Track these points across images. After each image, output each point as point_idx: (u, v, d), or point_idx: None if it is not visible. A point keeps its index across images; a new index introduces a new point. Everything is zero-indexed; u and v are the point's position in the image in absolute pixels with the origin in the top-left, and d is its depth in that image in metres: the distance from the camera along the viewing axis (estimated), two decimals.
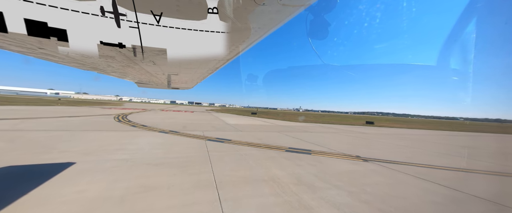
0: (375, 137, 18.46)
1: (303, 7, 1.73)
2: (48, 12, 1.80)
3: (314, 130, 21.11)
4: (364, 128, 29.11)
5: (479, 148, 16.03)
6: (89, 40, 2.50)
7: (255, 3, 1.63)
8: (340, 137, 17.17)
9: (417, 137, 20.36)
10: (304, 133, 18.17)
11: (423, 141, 17.37)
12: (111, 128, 13.75)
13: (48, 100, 68.23)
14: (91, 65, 4.10)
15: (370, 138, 17.53)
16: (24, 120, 14.79)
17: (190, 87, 7.40)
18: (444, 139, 20.92)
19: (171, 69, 4.00)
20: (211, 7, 1.72)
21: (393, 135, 20.81)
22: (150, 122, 18.82)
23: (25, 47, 2.84)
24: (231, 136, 13.39)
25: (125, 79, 5.83)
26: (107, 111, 31.15)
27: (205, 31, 2.16)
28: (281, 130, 19.46)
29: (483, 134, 31.03)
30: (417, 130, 31.37)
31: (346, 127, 27.99)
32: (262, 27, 2.10)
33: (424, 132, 27.56)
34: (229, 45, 2.60)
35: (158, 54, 3.04)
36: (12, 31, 1.98)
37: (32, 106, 31.51)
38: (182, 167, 6.40)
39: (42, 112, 21.85)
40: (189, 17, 1.87)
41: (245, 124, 23.14)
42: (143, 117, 24.80)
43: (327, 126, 28.68)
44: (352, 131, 23.22)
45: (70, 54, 2.85)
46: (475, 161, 10.41)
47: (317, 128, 24.34)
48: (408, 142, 16.29)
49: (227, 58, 3.25)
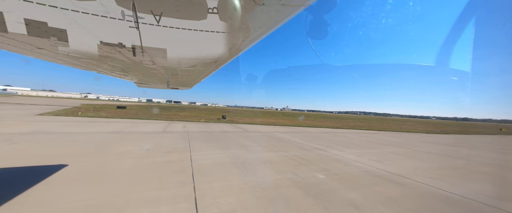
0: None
1: (303, 7, 1.74)
2: (48, 12, 1.80)
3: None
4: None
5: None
6: (89, 40, 2.50)
7: (254, 3, 1.64)
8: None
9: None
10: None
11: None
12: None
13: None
14: (91, 65, 4.10)
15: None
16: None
17: (190, 87, 7.40)
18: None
19: (171, 69, 4.00)
20: (211, 7, 1.73)
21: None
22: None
23: (24, 48, 2.84)
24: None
25: (124, 79, 5.83)
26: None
27: (205, 31, 2.16)
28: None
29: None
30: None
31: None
32: (261, 27, 2.10)
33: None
34: (229, 45, 2.61)
35: (158, 54, 3.04)
36: (12, 31, 1.98)
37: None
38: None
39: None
40: (189, 17, 1.88)
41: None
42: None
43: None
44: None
45: (71, 54, 2.86)
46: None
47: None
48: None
49: (227, 58, 3.26)
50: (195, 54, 3.03)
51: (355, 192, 6.44)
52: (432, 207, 5.82)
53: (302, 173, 8.19)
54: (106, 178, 6.51)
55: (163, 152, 10.22)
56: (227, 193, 5.88)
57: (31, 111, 28.60)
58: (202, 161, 9.01)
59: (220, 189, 6.09)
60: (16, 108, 32.69)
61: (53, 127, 16.00)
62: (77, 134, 13.84)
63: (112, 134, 14.64)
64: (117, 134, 14.76)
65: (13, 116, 22.12)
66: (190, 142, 13.32)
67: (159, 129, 19.26)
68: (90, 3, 1.66)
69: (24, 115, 22.94)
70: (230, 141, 14.97)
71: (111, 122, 22.06)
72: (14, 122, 17.45)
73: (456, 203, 6.19)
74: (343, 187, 6.84)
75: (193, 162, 8.76)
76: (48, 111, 29.99)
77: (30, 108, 33.13)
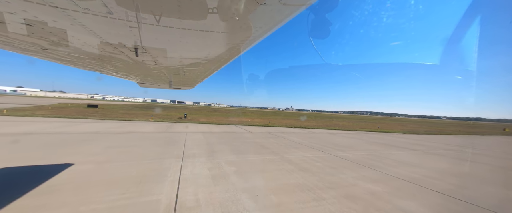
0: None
1: (304, 6, 1.70)
2: (48, 12, 1.81)
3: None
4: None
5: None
6: (89, 40, 2.51)
7: (256, 3, 1.62)
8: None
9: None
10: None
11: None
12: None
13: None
14: (94, 66, 4.13)
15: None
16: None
17: (192, 87, 7.41)
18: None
19: (172, 69, 4.00)
20: (212, 7, 1.71)
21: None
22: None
23: (25, 48, 2.87)
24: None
25: (127, 79, 5.87)
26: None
27: (206, 31, 2.15)
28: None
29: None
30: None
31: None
32: (262, 26, 2.08)
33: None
34: (230, 45, 2.59)
35: (159, 54, 3.04)
36: (12, 31, 2.00)
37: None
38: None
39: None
40: (190, 17, 1.86)
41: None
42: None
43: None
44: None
45: (73, 54, 2.88)
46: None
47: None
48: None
49: (229, 58, 3.24)
50: (196, 54, 3.02)
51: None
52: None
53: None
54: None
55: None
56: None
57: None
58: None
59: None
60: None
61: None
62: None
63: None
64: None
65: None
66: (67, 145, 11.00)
67: (70, 129, 16.28)
68: (91, 3, 1.66)
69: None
70: (128, 141, 13.02)
71: (33, 122, 18.80)
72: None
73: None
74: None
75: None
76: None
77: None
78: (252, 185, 6.92)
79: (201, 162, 9.21)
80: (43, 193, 5.56)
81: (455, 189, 7.58)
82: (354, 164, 10.61)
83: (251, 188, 6.60)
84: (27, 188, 5.76)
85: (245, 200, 5.76)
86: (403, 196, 6.72)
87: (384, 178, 8.44)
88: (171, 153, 10.65)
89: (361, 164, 10.56)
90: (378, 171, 9.45)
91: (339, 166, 9.99)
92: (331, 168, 9.44)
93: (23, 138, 12.46)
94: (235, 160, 10.03)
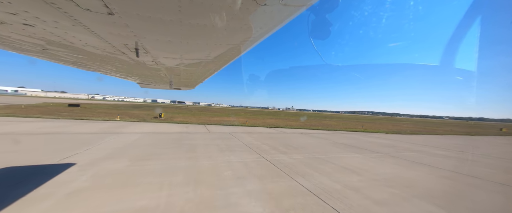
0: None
1: (305, 7, 1.71)
2: (50, 12, 1.81)
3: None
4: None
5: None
6: (90, 40, 2.52)
7: (256, 3, 1.62)
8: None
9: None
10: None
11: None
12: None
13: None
14: (94, 66, 4.14)
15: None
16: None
17: (192, 88, 7.41)
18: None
19: (172, 69, 4.01)
20: (212, 8, 1.72)
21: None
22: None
23: (27, 49, 2.88)
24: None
25: (127, 79, 5.88)
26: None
27: (206, 32, 2.15)
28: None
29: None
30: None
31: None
32: (263, 27, 2.08)
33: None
34: (230, 45, 2.60)
35: (160, 55, 3.04)
36: (14, 31, 2.00)
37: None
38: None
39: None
40: (191, 18, 1.87)
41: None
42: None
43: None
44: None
45: (72, 54, 2.88)
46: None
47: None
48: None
49: (229, 58, 3.24)
50: (197, 54, 3.03)
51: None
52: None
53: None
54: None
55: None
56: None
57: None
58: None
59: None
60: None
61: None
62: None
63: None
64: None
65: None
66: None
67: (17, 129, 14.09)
68: (92, 4, 1.66)
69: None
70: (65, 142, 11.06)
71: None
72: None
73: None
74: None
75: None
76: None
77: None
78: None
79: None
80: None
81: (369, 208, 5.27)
82: (279, 171, 8.00)
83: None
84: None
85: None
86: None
87: (286, 193, 5.93)
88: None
89: (286, 172, 7.89)
90: (296, 182, 6.82)
91: (250, 175, 7.23)
92: (237, 179, 6.82)
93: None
94: (116, 168, 7.05)
